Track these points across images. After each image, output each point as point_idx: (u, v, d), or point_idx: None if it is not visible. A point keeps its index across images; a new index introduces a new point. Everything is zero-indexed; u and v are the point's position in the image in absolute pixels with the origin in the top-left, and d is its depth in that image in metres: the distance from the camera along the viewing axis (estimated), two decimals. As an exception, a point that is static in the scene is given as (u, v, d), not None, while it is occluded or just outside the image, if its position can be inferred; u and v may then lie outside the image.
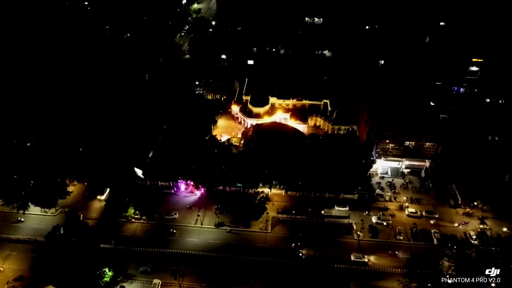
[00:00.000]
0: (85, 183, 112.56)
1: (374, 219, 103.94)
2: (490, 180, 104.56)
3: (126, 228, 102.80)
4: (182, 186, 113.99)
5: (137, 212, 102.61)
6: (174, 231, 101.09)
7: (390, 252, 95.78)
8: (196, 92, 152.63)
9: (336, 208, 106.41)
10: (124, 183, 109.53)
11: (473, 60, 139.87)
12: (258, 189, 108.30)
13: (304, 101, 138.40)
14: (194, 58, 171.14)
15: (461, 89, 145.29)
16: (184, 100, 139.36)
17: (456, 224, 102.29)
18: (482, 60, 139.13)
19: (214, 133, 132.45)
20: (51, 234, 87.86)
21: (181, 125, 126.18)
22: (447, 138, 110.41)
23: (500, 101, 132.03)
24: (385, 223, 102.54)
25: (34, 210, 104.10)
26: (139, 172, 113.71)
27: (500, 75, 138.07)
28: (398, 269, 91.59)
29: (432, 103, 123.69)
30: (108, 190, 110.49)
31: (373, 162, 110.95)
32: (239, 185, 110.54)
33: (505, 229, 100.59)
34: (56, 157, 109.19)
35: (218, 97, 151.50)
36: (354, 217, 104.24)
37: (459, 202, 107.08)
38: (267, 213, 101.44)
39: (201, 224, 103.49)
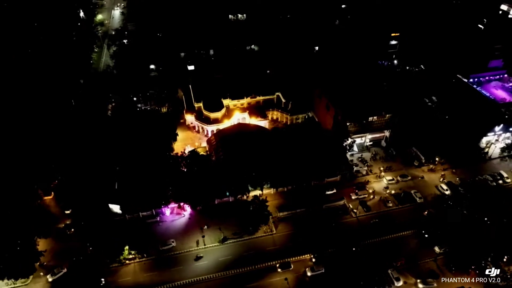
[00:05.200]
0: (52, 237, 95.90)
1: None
2: (442, 137, 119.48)
3: (123, 273, 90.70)
4: (167, 211, 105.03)
5: (132, 252, 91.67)
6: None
7: None
8: (139, 108, 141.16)
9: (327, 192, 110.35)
10: (103, 224, 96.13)
11: (392, 34, 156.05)
12: (250, 193, 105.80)
13: (258, 98, 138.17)
14: (121, 73, 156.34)
15: (385, 62, 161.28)
16: (129, 119, 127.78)
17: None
18: (399, 34, 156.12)
19: (175, 147, 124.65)
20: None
21: (139, 147, 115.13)
22: (400, 108, 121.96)
23: (422, 68, 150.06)
24: (363, 196, 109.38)
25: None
26: (115, 208, 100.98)
27: (415, 45, 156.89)
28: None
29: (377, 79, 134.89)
30: (64, 270, 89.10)
31: (353, 142, 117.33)
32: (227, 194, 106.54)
33: (462, 177, 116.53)
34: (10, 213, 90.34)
35: (166, 109, 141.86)
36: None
37: (423, 161, 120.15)
38: (271, 214, 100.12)
39: (205, 245, 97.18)
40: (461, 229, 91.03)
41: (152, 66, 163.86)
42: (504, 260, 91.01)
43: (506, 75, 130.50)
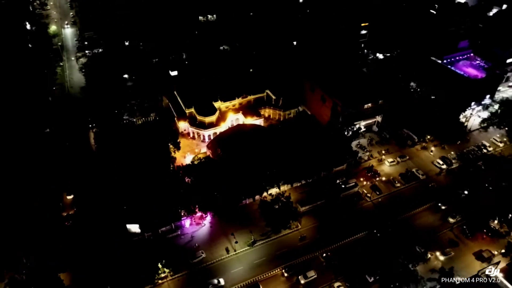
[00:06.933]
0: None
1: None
2: (428, 116, 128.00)
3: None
4: (187, 223, 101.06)
5: (165, 270, 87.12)
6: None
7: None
8: (126, 121, 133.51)
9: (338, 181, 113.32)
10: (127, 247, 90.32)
11: (362, 24, 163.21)
12: (267, 192, 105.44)
13: (249, 97, 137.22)
14: (95, 86, 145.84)
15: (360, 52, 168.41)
16: (117, 132, 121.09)
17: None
18: (368, 23, 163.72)
19: (175, 156, 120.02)
20: None
21: (139, 163, 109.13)
22: (389, 93, 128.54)
23: (397, 53, 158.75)
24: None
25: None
26: (133, 227, 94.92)
27: (383, 34, 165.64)
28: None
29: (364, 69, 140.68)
30: None
31: (359, 129, 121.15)
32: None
33: (452, 153, 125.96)
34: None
35: (153, 119, 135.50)
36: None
37: (415, 140, 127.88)
38: (298, 210, 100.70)
39: (235, 251, 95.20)
40: (472, 197, 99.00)
41: (125, 76, 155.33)
42: (509, 217, 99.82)
43: (472, 54, 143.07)
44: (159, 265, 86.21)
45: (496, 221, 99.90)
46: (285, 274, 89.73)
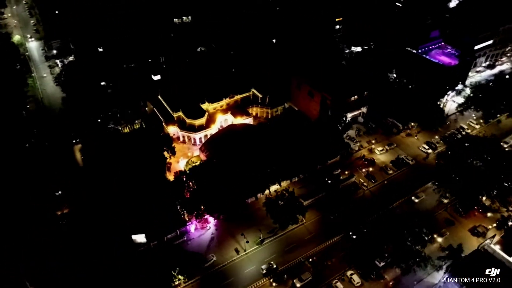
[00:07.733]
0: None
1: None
2: (410, 104, 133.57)
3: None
4: (192, 228, 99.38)
5: (180, 277, 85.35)
6: None
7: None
8: (111, 129, 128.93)
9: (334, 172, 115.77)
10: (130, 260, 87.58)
11: (336, 20, 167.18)
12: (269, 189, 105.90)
13: (236, 97, 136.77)
14: (73, 96, 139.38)
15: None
16: (105, 142, 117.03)
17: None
18: (342, 18, 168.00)
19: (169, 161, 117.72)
20: None
21: (132, 169, 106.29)
22: (372, 84, 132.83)
23: (370, 47, 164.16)
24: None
25: None
26: (139, 238, 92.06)
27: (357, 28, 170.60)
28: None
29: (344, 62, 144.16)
30: None
31: (350, 121, 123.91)
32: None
33: (436, 137, 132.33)
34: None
35: (138, 126, 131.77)
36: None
37: (400, 128, 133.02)
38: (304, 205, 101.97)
39: (245, 251, 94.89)
40: (462, 177, 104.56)
41: (102, 83, 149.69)
42: (494, 193, 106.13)
43: (443, 43, 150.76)
44: (173, 273, 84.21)
45: (485, 197, 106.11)
46: (273, 284, 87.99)
